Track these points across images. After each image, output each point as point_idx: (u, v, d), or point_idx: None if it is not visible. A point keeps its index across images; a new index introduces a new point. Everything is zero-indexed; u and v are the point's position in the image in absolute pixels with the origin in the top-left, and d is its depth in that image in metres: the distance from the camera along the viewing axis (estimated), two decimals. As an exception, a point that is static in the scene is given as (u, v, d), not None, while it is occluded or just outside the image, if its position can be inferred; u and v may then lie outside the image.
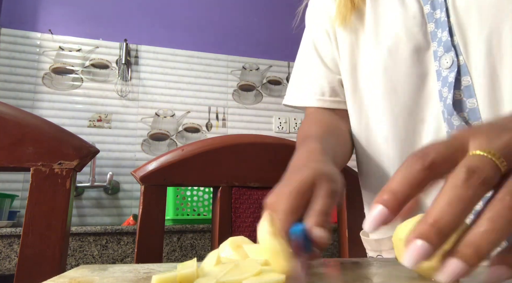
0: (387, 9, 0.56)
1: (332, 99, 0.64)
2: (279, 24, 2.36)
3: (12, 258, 1.26)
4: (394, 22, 0.54)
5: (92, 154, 0.56)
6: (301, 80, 0.68)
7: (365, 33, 0.58)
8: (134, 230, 1.39)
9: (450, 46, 0.49)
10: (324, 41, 0.65)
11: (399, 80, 0.54)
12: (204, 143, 0.66)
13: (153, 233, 0.59)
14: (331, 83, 0.64)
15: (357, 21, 0.60)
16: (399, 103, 0.54)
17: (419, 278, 0.29)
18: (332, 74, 0.64)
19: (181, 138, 2.08)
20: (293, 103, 0.68)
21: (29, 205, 0.51)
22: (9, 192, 1.71)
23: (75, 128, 1.89)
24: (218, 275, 0.26)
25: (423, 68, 0.52)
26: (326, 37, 0.65)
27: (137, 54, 2.10)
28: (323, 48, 0.65)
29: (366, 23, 0.58)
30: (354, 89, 0.61)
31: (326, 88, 0.64)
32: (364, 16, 0.59)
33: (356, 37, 0.60)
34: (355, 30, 0.60)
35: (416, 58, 0.52)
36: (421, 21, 0.53)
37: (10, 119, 0.52)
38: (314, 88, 0.65)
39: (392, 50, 0.54)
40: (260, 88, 2.28)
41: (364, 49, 0.58)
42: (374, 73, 0.56)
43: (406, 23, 0.53)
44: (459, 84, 0.48)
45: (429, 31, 0.52)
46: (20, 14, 1.97)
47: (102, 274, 0.32)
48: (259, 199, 0.67)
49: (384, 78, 0.55)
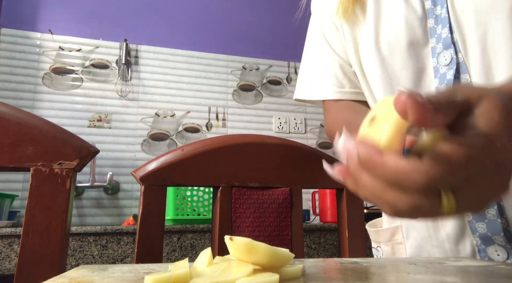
0: (389, 2, 0.56)
1: (352, 90, 0.64)
2: (279, 24, 2.35)
3: (12, 258, 1.26)
4: (395, 16, 0.54)
5: (92, 154, 0.56)
6: (315, 73, 0.67)
7: (366, 25, 0.58)
8: (134, 230, 1.39)
9: (450, 43, 0.49)
10: (334, 32, 0.65)
11: (395, 74, 0.54)
12: (204, 143, 0.66)
13: (153, 233, 0.59)
14: (348, 74, 0.64)
15: (360, 13, 0.60)
16: None
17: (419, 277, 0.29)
18: (347, 65, 0.64)
19: (181, 138, 2.08)
20: (310, 98, 0.67)
21: (29, 205, 0.51)
22: (9, 192, 1.71)
23: (75, 128, 1.89)
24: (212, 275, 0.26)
25: (420, 63, 0.52)
26: (335, 28, 0.65)
27: (137, 54, 2.10)
28: (334, 40, 0.65)
29: (368, 15, 0.58)
30: (363, 80, 0.61)
31: (345, 80, 0.64)
32: (366, 8, 0.59)
33: (358, 29, 0.60)
34: (357, 22, 0.60)
35: (413, 52, 0.52)
36: (422, 16, 0.53)
37: (10, 119, 0.52)
38: (332, 80, 0.64)
39: (391, 43, 0.54)
40: (260, 88, 2.28)
41: (366, 41, 0.58)
42: (374, 64, 0.57)
43: (407, 17, 0.53)
44: (457, 82, 0.48)
45: (428, 27, 0.52)
46: (20, 14, 1.97)
47: (102, 274, 0.32)
48: (259, 199, 0.67)
49: (381, 70, 0.55)
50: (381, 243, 0.63)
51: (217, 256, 0.33)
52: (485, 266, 0.39)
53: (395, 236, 0.61)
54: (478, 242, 0.49)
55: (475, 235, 0.49)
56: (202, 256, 0.31)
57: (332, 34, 0.65)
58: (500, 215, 0.46)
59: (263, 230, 0.66)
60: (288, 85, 2.32)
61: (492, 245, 0.48)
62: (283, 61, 2.35)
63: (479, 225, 0.48)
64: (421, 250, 0.57)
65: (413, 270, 0.35)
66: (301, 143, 0.73)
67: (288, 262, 0.30)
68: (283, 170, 0.70)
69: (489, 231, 0.47)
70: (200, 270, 0.29)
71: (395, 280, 0.30)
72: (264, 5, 2.38)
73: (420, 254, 0.57)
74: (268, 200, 0.67)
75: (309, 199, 2.00)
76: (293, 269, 0.31)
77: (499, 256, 0.48)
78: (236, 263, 0.28)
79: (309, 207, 2.01)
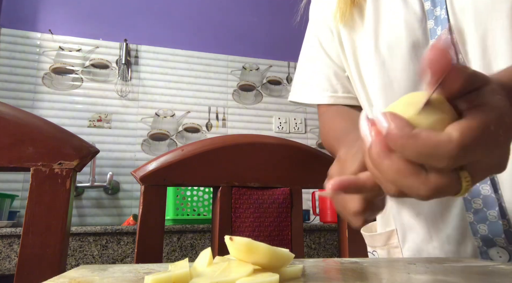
0: (388, 4, 0.56)
1: (345, 95, 0.64)
2: (279, 24, 2.35)
3: (12, 258, 1.26)
4: (394, 18, 0.54)
5: (92, 154, 0.56)
6: (310, 77, 0.68)
7: (365, 29, 0.58)
8: (134, 230, 1.39)
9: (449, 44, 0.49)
10: (328, 38, 0.65)
11: (396, 76, 0.54)
12: (204, 143, 0.66)
13: (153, 233, 0.59)
14: (341, 80, 0.64)
15: (358, 17, 0.59)
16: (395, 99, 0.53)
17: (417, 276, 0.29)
18: (341, 70, 0.65)
19: (181, 138, 2.08)
20: (304, 100, 0.68)
21: (29, 205, 0.51)
22: (9, 192, 1.71)
23: (75, 128, 1.89)
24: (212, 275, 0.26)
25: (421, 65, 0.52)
26: (330, 33, 0.65)
27: (137, 54, 2.10)
28: (329, 46, 0.66)
29: (367, 18, 0.58)
30: (360, 85, 0.61)
31: (339, 86, 0.64)
32: (364, 12, 0.59)
33: (356, 32, 0.60)
34: (355, 26, 0.60)
35: (414, 54, 0.52)
36: (422, 18, 0.52)
37: (10, 119, 0.52)
38: (326, 85, 0.65)
39: (391, 45, 0.54)
40: (260, 88, 2.28)
41: (365, 44, 0.58)
42: (373, 68, 0.56)
43: (407, 19, 0.53)
44: None
45: (428, 28, 0.52)
46: (20, 14, 1.97)
47: (102, 274, 0.32)
48: (259, 199, 0.67)
49: (382, 73, 0.55)
50: (377, 247, 0.63)
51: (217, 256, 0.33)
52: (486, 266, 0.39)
53: (391, 240, 0.61)
54: (479, 244, 0.49)
55: (476, 236, 0.49)
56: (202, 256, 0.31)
57: (327, 40, 0.65)
58: (501, 217, 0.46)
59: (263, 230, 0.66)
60: (288, 85, 2.32)
61: (494, 247, 0.48)
62: (283, 61, 2.35)
63: (480, 226, 0.48)
64: (421, 253, 0.56)
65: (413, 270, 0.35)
66: (301, 143, 0.73)
67: (288, 262, 0.30)
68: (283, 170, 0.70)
69: (490, 233, 0.47)
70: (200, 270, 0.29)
71: (395, 280, 0.30)
72: (264, 5, 2.38)
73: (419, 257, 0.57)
74: (268, 200, 0.67)
75: (309, 199, 2.00)
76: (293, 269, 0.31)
77: (501, 258, 0.48)
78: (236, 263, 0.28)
79: (309, 207, 2.01)
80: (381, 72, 0.55)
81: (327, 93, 0.64)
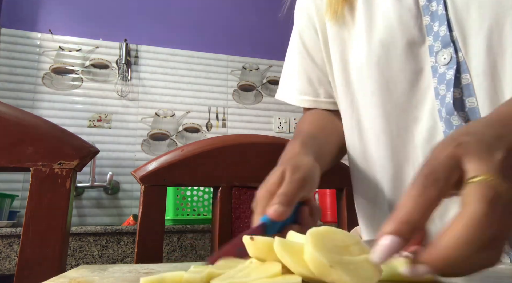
0: (380, 1, 0.53)
1: (327, 100, 0.65)
2: (279, 24, 2.35)
3: (12, 258, 1.26)
4: (388, 15, 0.52)
5: (92, 154, 0.56)
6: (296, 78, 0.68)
7: (356, 27, 0.56)
8: (134, 230, 1.39)
9: (449, 41, 0.47)
10: (313, 39, 0.64)
11: (391, 76, 0.51)
12: (204, 143, 0.66)
13: (153, 233, 0.59)
14: (324, 84, 0.64)
15: (349, 15, 0.57)
16: (392, 100, 0.52)
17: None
18: (323, 75, 0.64)
19: (181, 138, 2.08)
20: (287, 101, 0.70)
21: (29, 205, 0.51)
22: (9, 192, 1.71)
23: (75, 128, 1.89)
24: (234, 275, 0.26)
25: (418, 63, 0.50)
26: (314, 34, 0.63)
27: (137, 54, 2.10)
28: (313, 48, 0.64)
29: (358, 16, 0.55)
30: (346, 86, 0.59)
31: (321, 90, 0.64)
32: (355, 9, 0.56)
33: (347, 31, 0.57)
34: (346, 24, 0.57)
35: (410, 52, 0.50)
36: (417, 14, 0.50)
37: (10, 119, 0.52)
38: (307, 89, 0.65)
39: (385, 44, 0.51)
40: (260, 88, 2.28)
41: (356, 43, 0.56)
42: (365, 68, 0.54)
43: (401, 16, 0.50)
44: (458, 82, 0.46)
45: (424, 24, 0.50)
46: (20, 14, 1.97)
47: (102, 274, 0.32)
48: (259, 199, 0.67)
49: (376, 73, 0.52)
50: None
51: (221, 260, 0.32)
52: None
53: None
54: None
55: None
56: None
57: (312, 41, 0.64)
58: None
59: (263, 230, 0.66)
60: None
61: None
62: (283, 61, 2.34)
63: None
64: None
65: (413, 270, 0.35)
66: (301, 143, 0.73)
67: None
68: (283, 170, 0.69)
69: None
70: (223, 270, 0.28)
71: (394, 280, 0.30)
72: (264, 5, 2.38)
73: None
74: (268, 200, 0.67)
75: (309, 199, 2.00)
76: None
77: (501, 262, 0.47)
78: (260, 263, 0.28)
79: (309, 207, 2.01)
80: (376, 73, 0.52)
81: (308, 97, 0.65)
